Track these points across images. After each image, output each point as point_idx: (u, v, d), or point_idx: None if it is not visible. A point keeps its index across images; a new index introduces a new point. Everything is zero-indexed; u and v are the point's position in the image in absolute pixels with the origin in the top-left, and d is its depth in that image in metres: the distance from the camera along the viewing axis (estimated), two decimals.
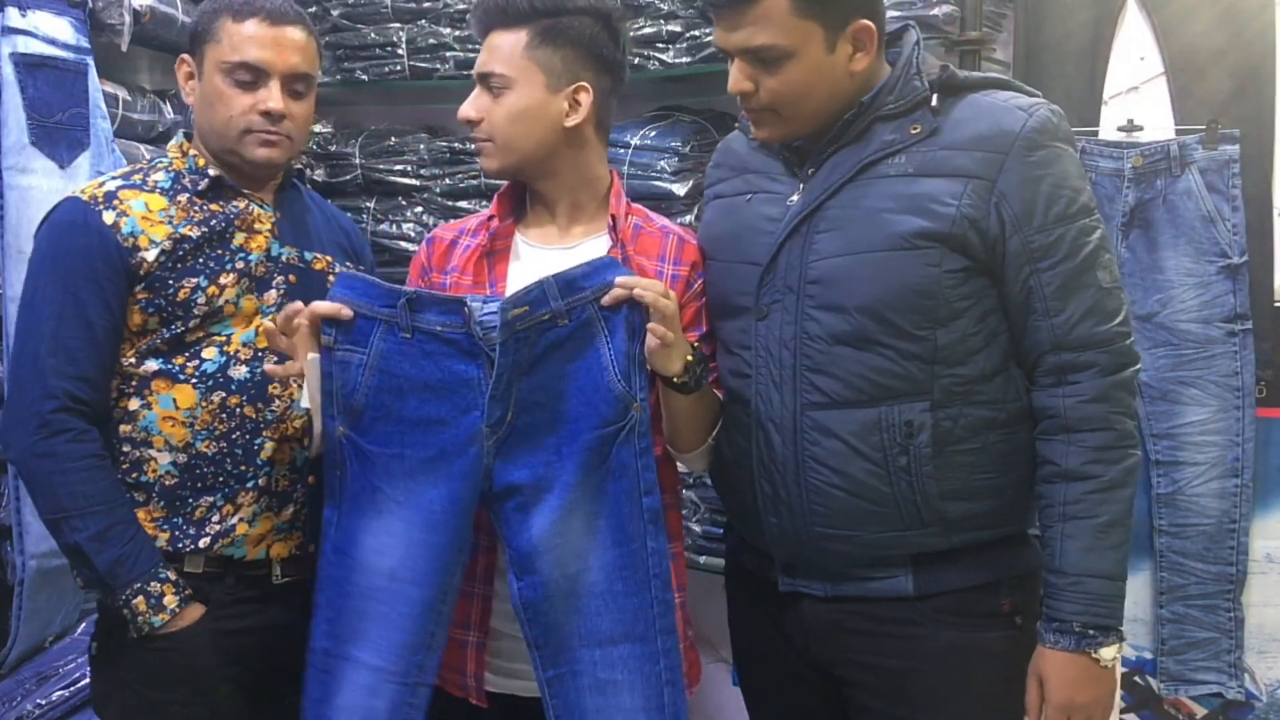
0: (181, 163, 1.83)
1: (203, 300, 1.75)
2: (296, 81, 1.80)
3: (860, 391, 1.56)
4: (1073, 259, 1.53)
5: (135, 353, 1.75)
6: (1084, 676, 1.54)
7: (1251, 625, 2.40)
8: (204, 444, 1.75)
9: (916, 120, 1.57)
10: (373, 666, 1.62)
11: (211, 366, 1.76)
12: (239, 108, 1.76)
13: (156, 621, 1.68)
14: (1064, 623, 1.54)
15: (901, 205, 1.54)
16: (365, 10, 2.98)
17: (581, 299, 1.58)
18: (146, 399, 1.75)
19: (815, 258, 1.58)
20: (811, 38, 1.53)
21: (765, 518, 1.64)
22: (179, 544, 1.74)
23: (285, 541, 1.81)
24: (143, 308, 1.74)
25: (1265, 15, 2.31)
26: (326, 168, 3.06)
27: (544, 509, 1.59)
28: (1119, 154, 2.39)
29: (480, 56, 1.72)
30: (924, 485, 1.56)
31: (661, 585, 1.61)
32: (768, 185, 1.68)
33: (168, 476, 1.75)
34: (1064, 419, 1.55)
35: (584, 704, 1.59)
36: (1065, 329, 1.54)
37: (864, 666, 1.64)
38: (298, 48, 1.80)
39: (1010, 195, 1.52)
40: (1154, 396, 2.40)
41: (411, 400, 1.60)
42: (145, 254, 1.73)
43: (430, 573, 1.60)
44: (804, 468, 1.59)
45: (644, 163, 2.55)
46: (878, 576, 1.61)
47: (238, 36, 1.76)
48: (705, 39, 2.54)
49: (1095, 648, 1.53)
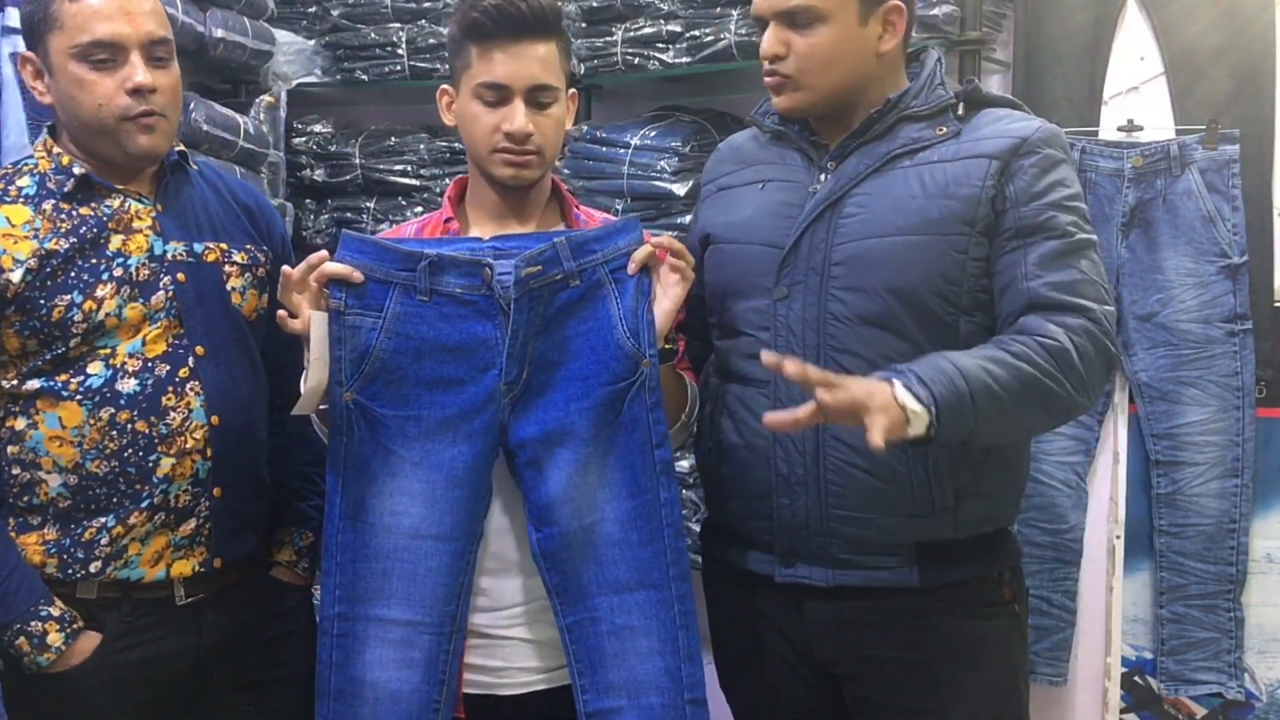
0: (47, 163, 1.67)
1: (79, 317, 1.61)
2: (156, 48, 1.64)
3: None
4: (1062, 239, 1.57)
5: (17, 375, 1.64)
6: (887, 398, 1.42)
7: (1251, 625, 2.40)
8: (94, 463, 1.63)
9: (942, 123, 1.63)
10: (403, 621, 1.62)
11: (97, 381, 1.63)
12: (104, 93, 1.61)
13: (43, 661, 1.60)
14: (900, 371, 1.44)
15: (929, 191, 1.59)
16: (365, 10, 2.98)
17: (593, 261, 1.61)
18: (32, 418, 1.64)
19: (842, 240, 1.60)
20: (846, 5, 1.60)
21: (776, 500, 1.65)
22: (68, 570, 1.64)
23: (187, 559, 1.70)
24: (17, 331, 1.61)
25: (1265, 15, 2.31)
26: (326, 168, 3.06)
27: (559, 463, 1.62)
28: (1119, 154, 2.39)
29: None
30: (940, 473, 1.58)
31: (674, 534, 1.64)
32: (783, 175, 1.71)
33: (60, 499, 1.64)
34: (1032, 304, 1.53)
35: (603, 648, 1.63)
36: (1041, 291, 1.54)
37: (871, 660, 1.65)
38: (148, 12, 1.64)
39: (1017, 176, 1.58)
40: (1154, 396, 2.40)
41: (428, 362, 1.61)
42: (9, 275, 1.59)
43: (457, 524, 1.63)
44: (824, 446, 1.61)
45: (644, 163, 2.56)
46: (883, 566, 1.62)
47: (80, 15, 1.59)
48: (705, 39, 2.54)
49: (906, 395, 1.42)
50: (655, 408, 1.63)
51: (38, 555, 1.65)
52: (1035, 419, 1.58)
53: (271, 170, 2.87)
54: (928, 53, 1.71)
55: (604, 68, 2.69)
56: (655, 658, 1.63)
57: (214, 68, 2.87)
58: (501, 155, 1.68)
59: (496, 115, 1.66)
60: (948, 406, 1.43)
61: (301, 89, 3.00)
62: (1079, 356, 1.52)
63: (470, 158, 1.73)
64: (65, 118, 1.67)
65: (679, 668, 1.63)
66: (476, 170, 1.74)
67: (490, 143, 1.67)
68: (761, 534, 1.68)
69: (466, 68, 1.68)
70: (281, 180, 2.94)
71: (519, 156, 1.68)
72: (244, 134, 2.70)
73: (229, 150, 2.67)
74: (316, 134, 3.11)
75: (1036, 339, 1.52)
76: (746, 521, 1.71)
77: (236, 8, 2.79)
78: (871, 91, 1.65)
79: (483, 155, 1.69)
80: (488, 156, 1.68)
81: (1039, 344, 1.51)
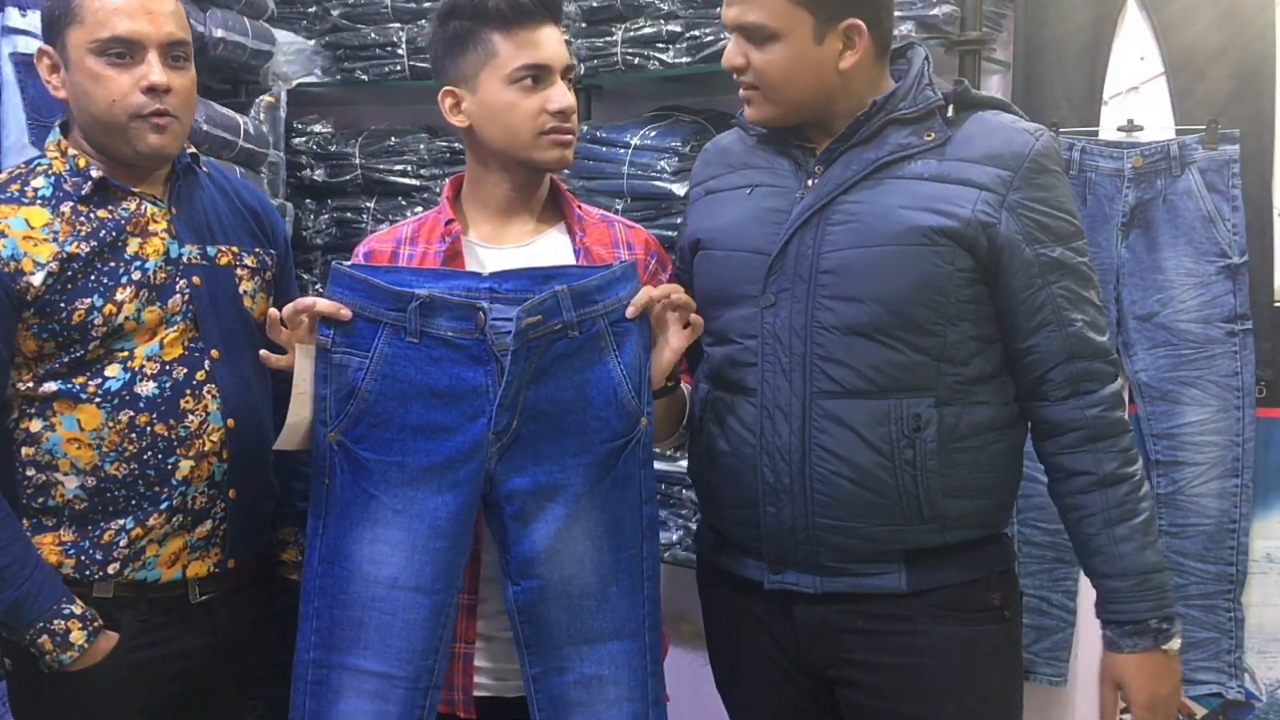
0: (61, 164, 1.67)
1: (100, 321, 1.62)
2: (174, 49, 1.65)
3: (871, 382, 1.57)
4: (1074, 276, 1.60)
5: (33, 376, 1.64)
6: (1161, 670, 1.61)
7: (1251, 625, 2.40)
8: (113, 466, 1.64)
9: (930, 127, 1.61)
10: (377, 673, 1.59)
11: (116, 384, 1.64)
12: (119, 89, 1.61)
13: (65, 659, 1.61)
14: (1139, 623, 1.60)
15: (918, 203, 1.58)
16: (365, 10, 2.98)
17: (593, 312, 1.59)
18: (49, 420, 1.64)
19: (830, 248, 1.60)
20: (800, 24, 1.57)
21: (763, 508, 1.64)
22: (85, 571, 1.65)
23: (202, 560, 1.72)
24: (35, 334, 1.62)
25: (1265, 15, 2.31)
26: (326, 168, 3.06)
27: (547, 517, 1.59)
28: (1119, 154, 2.39)
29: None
30: (927, 480, 1.58)
31: (652, 585, 1.64)
32: (770, 180, 1.70)
33: (76, 500, 1.65)
34: (1091, 429, 1.60)
35: (568, 697, 1.61)
36: (1079, 339, 1.59)
37: (861, 666, 1.64)
38: (169, 13, 1.65)
39: (1020, 209, 1.57)
40: (1154, 396, 2.40)
41: (415, 406, 1.57)
42: (30, 278, 1.59)
43: (437, 578, 1.58)
44: (810, 455, 1.60)
45: (644, 163, 2.56)
46: (871, 572, 1.62)
47: (102, 11, 1.60)
48: (705, 39, 2.54)
49: (1167, 640, 1.61)
50: (647, 464, 1.62)
51: (54, 556, 1.66)
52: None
53: (271, 170, 2.87)
54: (914, 50, 1.68)
55: (604, 68, 2.69)
56: (624, 704, 1.63)
57: (214, 68, 2.86)
58: (550, 137, 1.67)
59: (538, 98, 1.66)
60: (1175, 600, 1.65)
61: (301, 89, 3.00)
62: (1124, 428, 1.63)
63: (502, 149, 1.70)
64: (78, 113, 1.67)
65: (646, 713, 1.64)
66: (485, 166, 1.73)
67: (535, 125, 1.66)
68: (751, 541, 1.68)
69: (491, 58, 1.66)
70: (281, 180, 2.94)
71: (564, 136, 1.68)
72: (244, 134, 2.70)
73: (229, 150, 2.66)
74: (316, 134, 3.11)
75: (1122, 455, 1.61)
76: (736, 528, 1.71)
77: (236, 8, 2.79)
78: (844, 102, 1.63)
79: (525, 142, 1.67)
80: (533, 142, 1.67)
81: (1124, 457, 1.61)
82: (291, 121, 3.04)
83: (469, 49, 1.68)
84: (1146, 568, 1.60)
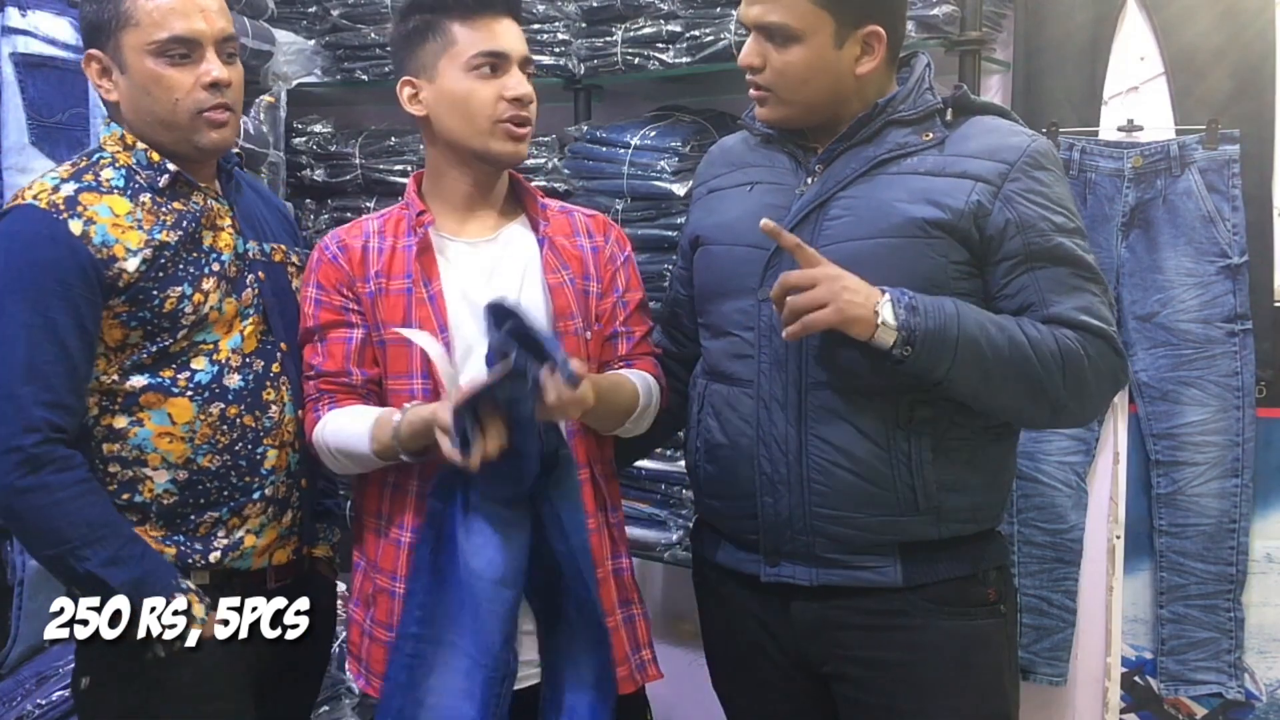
0: (127, 157, 1.69)
1: (189, 309, 1.65)
2: (226, 44, 1.69)
3: (867, 375, 1.58)
4: (1072, 265, 1.59)
5: (117, 369, 1.65)
6: (858, 310, 1.51)
7: (1251, 625, 2.40)
8: (205, 458, 1.67)
9: (929, 129, 1.63)
10: (469, 654, 1.64)
11: (205, 377, 1.67)
12: (182, 87, 1.64)
13: (191, 633, 1.61)
14: (910, 332, 1.50)
15: (914, 197, 1.59)
16: (365, 10, 2.98)
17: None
18: (136, 415, 1.65)
19: (827, 242, 1.61)
20: (822, 28, 1.59)
21: (760, 499, 1.65)
22: (186, 559, 1.68)
23: (285, 548, 1.78)
24: (123, 322, 1.63)
25: (1265, 15, 2.31)
26: (326, 168, 3.06)
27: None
28: (1119, 154, 2.39)
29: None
30: (923, 472, 1.59)
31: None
32: (770, 177, 1.72)
33: (165, 495, 1.67)
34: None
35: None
36: (1067, 313, 1.57)
37: (858, 661, 1.65)
38: (218, 10, 1.69)
39: (1015, 200, 1.58)
40: (1154, 396, 2.40)
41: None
42: (124, 264, 1.61)
43: (518, 572, 1.64)
44: (808, 446, 1.61)
45: (644, 163, 2.55)
46: (867, 565, 1.63)
47: (156, 12, 1.63)
48: (705, 39, 2.54)
49: (885, 331, 1.52)
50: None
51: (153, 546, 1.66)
52: (1017, 399, 1.58)
53: (271, 170, 2.87)
54: (917, 57, 1.71)
55: (604, 68, 2.69)
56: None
57: None
58: (505, 126, 1.68)
59: (495, 85, 1.67)
60: (927, 337, 1.49)
61: (301, 89, 3.00)
62: (1089, 366, 1.55)
63: (458, 139, 1.71)
64: (135, 113, 1.68)
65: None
66: (446, 159, 1.74)
67: (493, 113, 1.68)
68: (747, 533, 1.69)
69: (450, 45, 1.68)
70: (281, 180, 2.94)
71: (521, 127, 1.69)
72: (244, 134, 2.71)
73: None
74: (316, 134, 3.11)
75: (1056, 333, 1.55)
76: (732, 520, 1.72)
77: (236, 8, 2.78)
78: (854, 104, 1.65)
79: (482, 130, 1.69)
80: (490, 129, 1.68)
81: (1055, 338, 1.55)
82: (291, 121, 3.04)
83: (428, 39, 1.71)
84: (961, 308, 1.53)
